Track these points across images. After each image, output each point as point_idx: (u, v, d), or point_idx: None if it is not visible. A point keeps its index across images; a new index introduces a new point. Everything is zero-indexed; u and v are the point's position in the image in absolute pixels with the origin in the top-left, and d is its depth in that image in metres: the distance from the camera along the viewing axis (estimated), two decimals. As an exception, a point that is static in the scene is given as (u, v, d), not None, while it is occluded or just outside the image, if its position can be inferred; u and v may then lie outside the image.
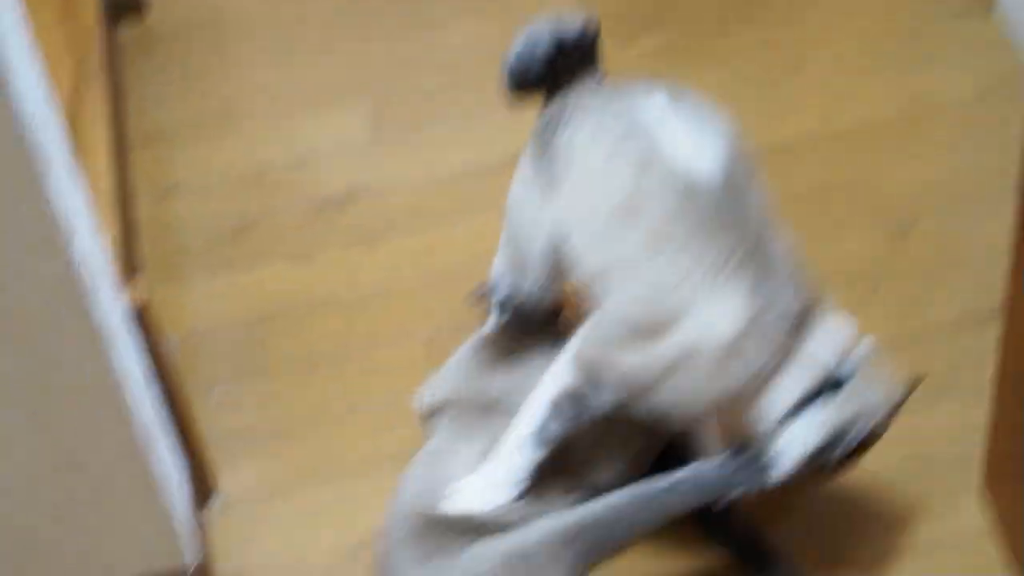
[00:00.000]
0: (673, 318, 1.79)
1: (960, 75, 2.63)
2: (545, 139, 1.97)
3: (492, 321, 2.14)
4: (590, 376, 1.87)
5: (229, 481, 2.19)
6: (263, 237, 2.51)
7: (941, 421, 2.15)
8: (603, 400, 1.87)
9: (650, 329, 1.81)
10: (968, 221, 2.40)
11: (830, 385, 1.82)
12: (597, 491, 1.91)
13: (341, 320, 2.38)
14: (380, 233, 2.49)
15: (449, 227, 2.48)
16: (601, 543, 1.88)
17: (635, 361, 1.83)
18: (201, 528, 2.09)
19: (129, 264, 2.29)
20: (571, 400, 1.89)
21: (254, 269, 2.46)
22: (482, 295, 2.25)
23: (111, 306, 1.80)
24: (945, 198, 2.44)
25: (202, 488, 2.15)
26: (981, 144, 2.52)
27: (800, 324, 1.81)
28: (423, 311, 2.37)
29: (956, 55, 2.67)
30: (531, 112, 2.61)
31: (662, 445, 2.01)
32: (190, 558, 1.99)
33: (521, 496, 1.93)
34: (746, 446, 1.85)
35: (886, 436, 2.11)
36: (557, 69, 2.03)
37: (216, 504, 2.17)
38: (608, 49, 2.46)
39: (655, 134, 1.86)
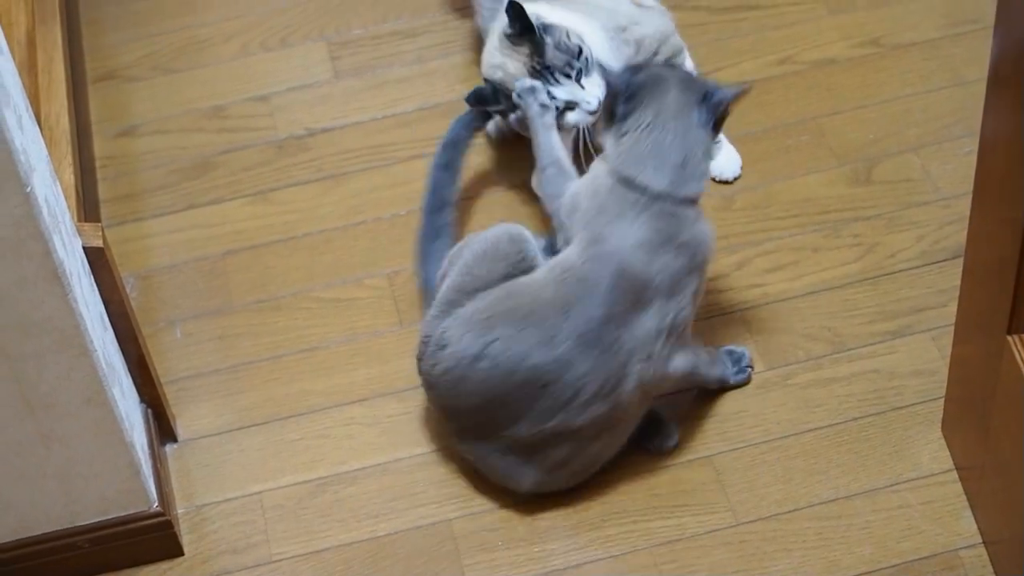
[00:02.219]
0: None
1: (925, 10, 2.62)
2: None
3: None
4: None
5: (190, 420, 2.18)
6: (223, 174, 2.49)
7: (905, 359, 2.15)
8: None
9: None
10: (932, 159, 2.40)
11: None
12: None
13: (303, 257, 2.37)
14: (340, 170, 2.48)
15: (409, 164, 2.47)
16: None
17: None
18: (162, 468, 2.08)
19: (88, 203, 2.27)
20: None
21: (214, 206, 2.45)
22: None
23: (70, 246, 1.78)
24: (908, 137, 2.44)
25: (163, 428, 2.14)
26: (946, 81, 2.51)
27: None
28: (384, 247, 2.36)
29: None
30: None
31: None
32: (152, 499, 1.99)
33: None
34: None
35: (850, 374, 2.13)
36: None
37: (176, 444, 2.16)
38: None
39: None
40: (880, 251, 2.28)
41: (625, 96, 1.99)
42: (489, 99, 2.27)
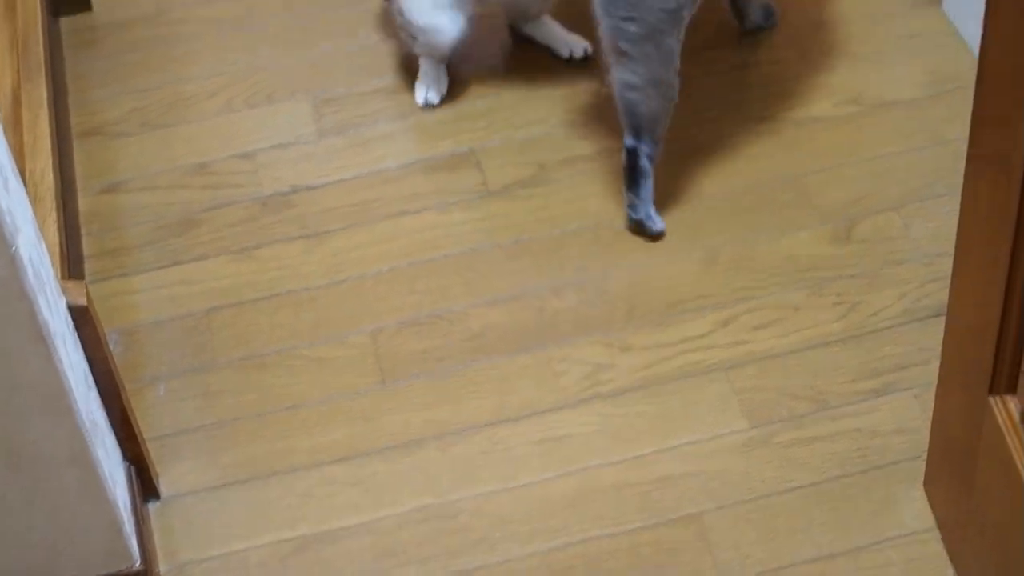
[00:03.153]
0: None
1: (907, 70, 2.65)
2: None
3: None
4: None
5: (173, 477, 2.18)
6: (207, 231, 2.49)
7: (887, 418, 2.16)
8: None
9: None
10: (914, 218, 2.41)
11: None
12: None
13: (286, 314, 2.37)
14: (324, 227, 2.48)
15: (393, 221, 2.48)
16: None
17: None
18: (145, 526, 2.08)
19: (72, 258, 2.27)
20: None
21: (198, 263, 2.45)
22: None
23: (54, 306, 1.78)
24: (890, 195, 2.45)
25: (146, 485, 2.13)
26: (927, 140, 2.53)
27: None
28: (368, 305, 2.36)
29: (904, 50, 2.69)
30: (468, 114, 2.63)
31: None
32: (135, 557, 1.98)
33: None
34: None
35: (833, 433, 2.14)
36: None
37: (159, 501, 2.16)
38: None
39: None
40: (863, 309, 2.29)
41: None
42: None
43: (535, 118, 2.62)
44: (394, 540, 2.08)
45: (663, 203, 2.44)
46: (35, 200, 2.12)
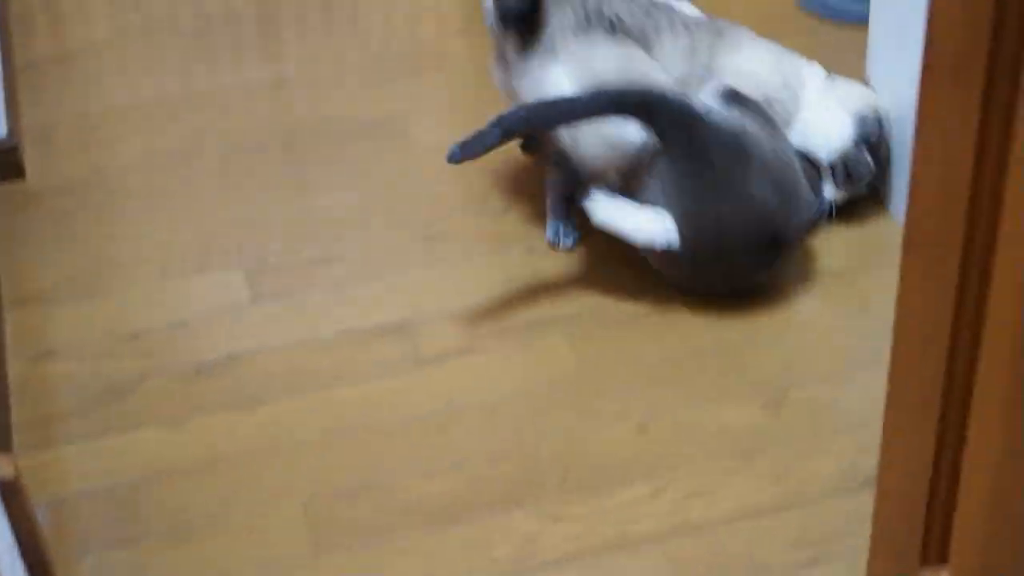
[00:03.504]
0: None
1: (838, 241, 2.68)
2: None
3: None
4: None
5: (100, 653, 2.15)
6: (140, 400, 2.48)
7: (819, 588, 2.16)
8: None
9: None
10: (842, 388, 2.43)
11: None
12: None
13: (218, 484, 2.35)
14: (257, 396, 2.47)
15: (326, 390, 2.48)
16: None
17: None
18: None
19: (1, 429, 2.25)
20: None
21: (129, 433, 2.43)
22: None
23: (-18, 479, 1.76)
24: (821, 363, 2.47)
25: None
26: (857, 309, 2.56)
27: None
28: (301, 474, 2.35)
29: (834, 223, 2.73)
30: (402, 284, 2.64)
31: None
32: None
33: None
34: None
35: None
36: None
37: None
38: (489, 215, 2.47)
39: None
40: (796, 478, 2.30)
41: None
42: None
43: (468, 288, 2.63)
44: None
45: (600, 369, 2.45)
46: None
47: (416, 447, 2.37)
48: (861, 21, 3.01)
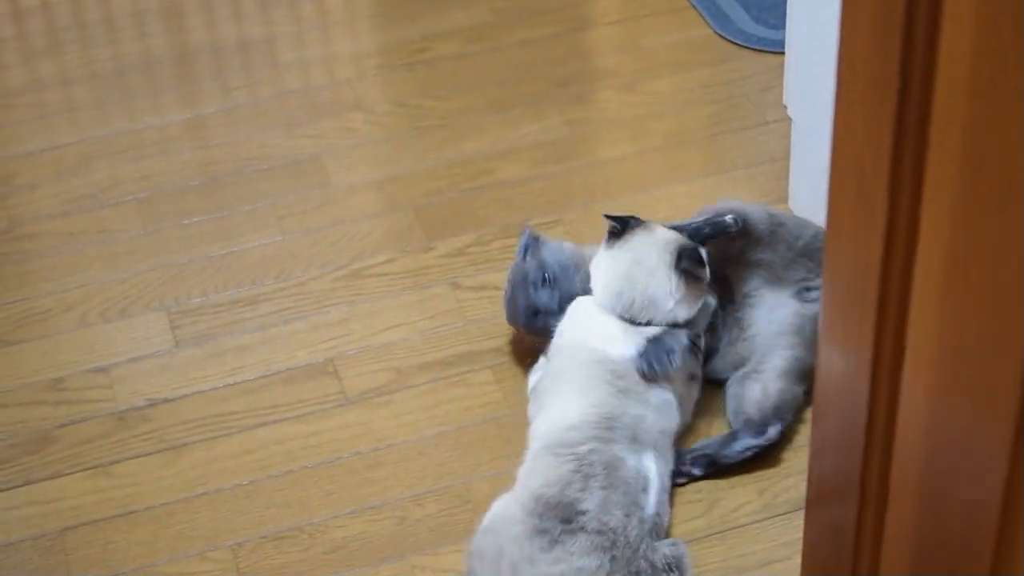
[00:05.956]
0: None
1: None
2: None
3: None
4: None
5: None
6: (61, 448, 2.45)
7: (750, 616, 2.16)
8: None
9: None
10: (768, 413, 2.44)
11: None
12: None
13: (144, 531, 2.32)
14: (182, 440, 2.45)
15: (251, 432, 2.46)
16: None
17: None
18: None
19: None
20: None
21: (52, 481, 2.40)
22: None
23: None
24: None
25: None
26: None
27: None
28: (227, 519, 2.33)
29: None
30: (324, 322, 2.63)
31: None
32: None
33: None
34: None
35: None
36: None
37: None
38: (411, 252, 2.48)
39: None
40: (724, 505, 2.30)
41: None
42: None
43: (393, 325, 2.62)
44: None
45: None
46: None
47: (343, 488, 2.35)
48: (778, 48, 3.04)
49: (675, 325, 2.30)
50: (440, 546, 2.26)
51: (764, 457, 2.36)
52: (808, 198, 2.73)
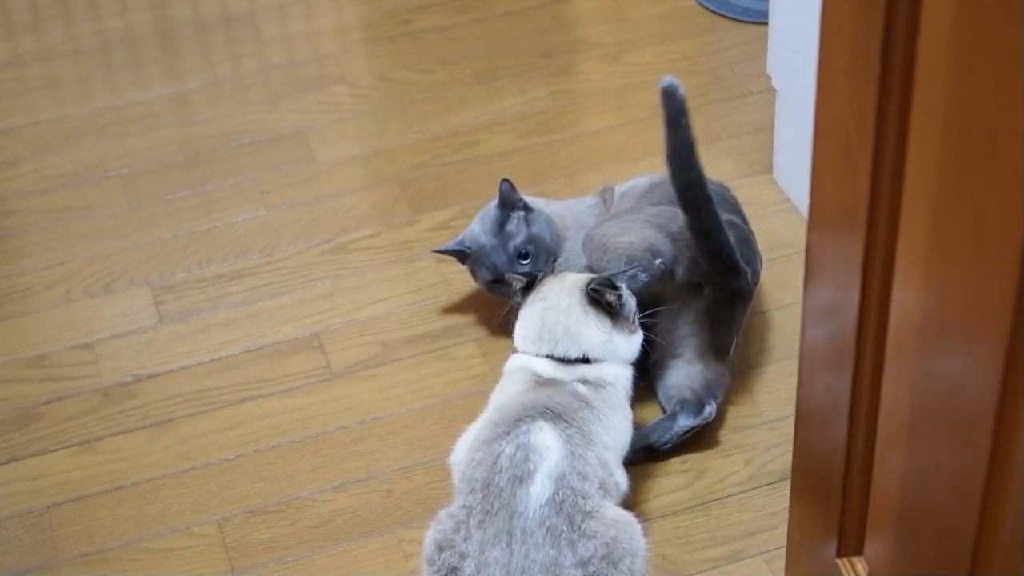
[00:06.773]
0: None
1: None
2: None
3: None
4: None
5: None
6: (46, 425, 2.44)
7: (736, 585, 2.17)
8: None
9: None
10: (756, 383, 2.44)
11: None
12: None
13: (130, 507, 2.32)
14: (167, 416, 2.45)
15: (237, 407, 2.45)
16: None
17: None
18: None
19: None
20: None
21: (38, 458, 2.40)
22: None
23: None
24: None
25: None
26: (764, 305, 2.57)
27: None
28: (214, 493, 2.32)
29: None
30: (309, 296, 2.62)
31: None
32: None
33: None
34: None
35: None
36: None
37: None
38: (396, 226, 2.46)
39: None
40: (709, 476, 2.30)
41: None
42: None
43: (378, 299, 2.62)
44: None
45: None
46: None
47: (330, 462, 2.35)
48: (762, 19, 3.04)
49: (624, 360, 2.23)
50: (427, 519, 2.25)
51: (750, 428, 2.36)
52: (792, 168, 2.72)
